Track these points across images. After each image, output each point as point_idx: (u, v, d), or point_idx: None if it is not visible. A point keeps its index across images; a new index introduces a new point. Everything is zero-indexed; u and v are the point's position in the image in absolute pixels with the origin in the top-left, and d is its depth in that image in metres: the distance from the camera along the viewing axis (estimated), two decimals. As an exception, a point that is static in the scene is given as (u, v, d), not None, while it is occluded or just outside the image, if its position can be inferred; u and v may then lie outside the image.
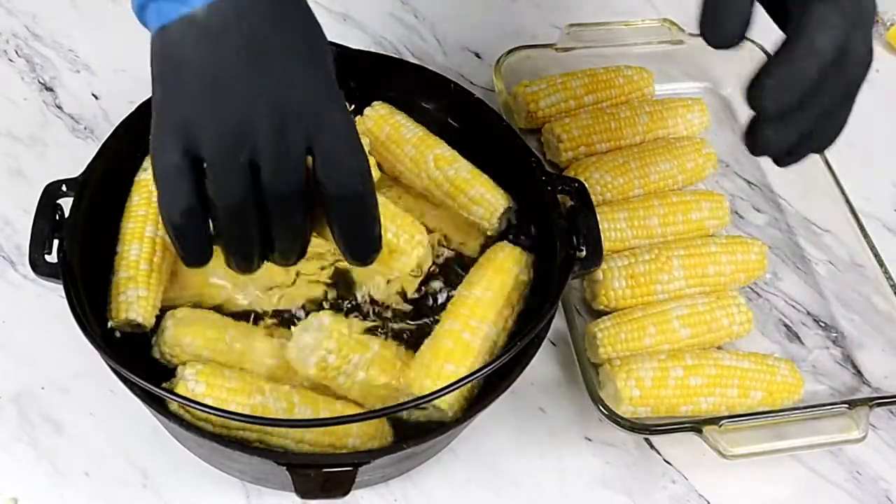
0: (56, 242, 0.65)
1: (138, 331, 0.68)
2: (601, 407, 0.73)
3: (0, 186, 0.87)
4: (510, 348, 0.62)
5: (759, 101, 0.57)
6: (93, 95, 0.94)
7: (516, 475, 0.75)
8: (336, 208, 0.54)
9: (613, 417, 0.73)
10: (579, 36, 0.95)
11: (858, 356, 0.84)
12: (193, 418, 0.62)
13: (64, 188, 0.68)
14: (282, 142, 0.51)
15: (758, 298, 0.87)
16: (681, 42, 0.97)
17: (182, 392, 0.62)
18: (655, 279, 0.81)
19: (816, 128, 0.60)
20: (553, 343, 0.82)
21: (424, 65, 0.79)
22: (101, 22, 1.00)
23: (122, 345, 0.67)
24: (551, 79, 0.93)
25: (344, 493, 0.60)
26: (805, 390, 0.79)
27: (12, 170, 0.88)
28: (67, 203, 0.67)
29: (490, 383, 0.66)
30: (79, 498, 0.71)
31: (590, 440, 0.78)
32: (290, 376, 0.68)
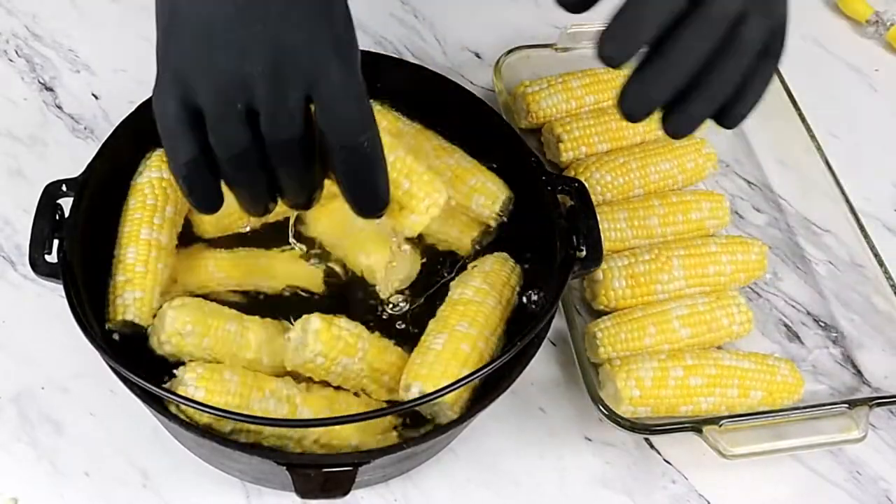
0: (56, 242, 0.65)
1: (136, 332, 0.67)
2: (601, 407, 0.73)
3: (0, 186, 0.87)
4: (510, 348, 0.62)
5: (600, 49, 0.52)
6: (93, 95, 0.94)
7: (516, 475, 0.75)
8: (337, 159, 0.52)
9: (613, 417, 0.73)
10: (579, 36, 0.95)
11: (858, 356, 0.84)
12: (194, 420, 0.62)
13: (64, 188, 0.68)
14: (278, 90, 0.49)
15: (758, 298, 0.87)
16: (681, 42, 0.97)
17: None
18: (655, 279, 0.81)
19: (699, 86, 0.53)
20: (553, 343, 0.82)
21: (424, 65, 0.79)
22: (101, 22, 1.00)
23: (122, 345, 0.67)
24: (551, 79, 0.93)
25: (344, 493, 0.60)
26: (805, 390, 0.79)
27: (12, 170, 0.88)
28: (67, 203, 0.67)
29: (490, 383, 0.66)
30: (79, 498, 0.71)
31: (590, 440, 0.78)
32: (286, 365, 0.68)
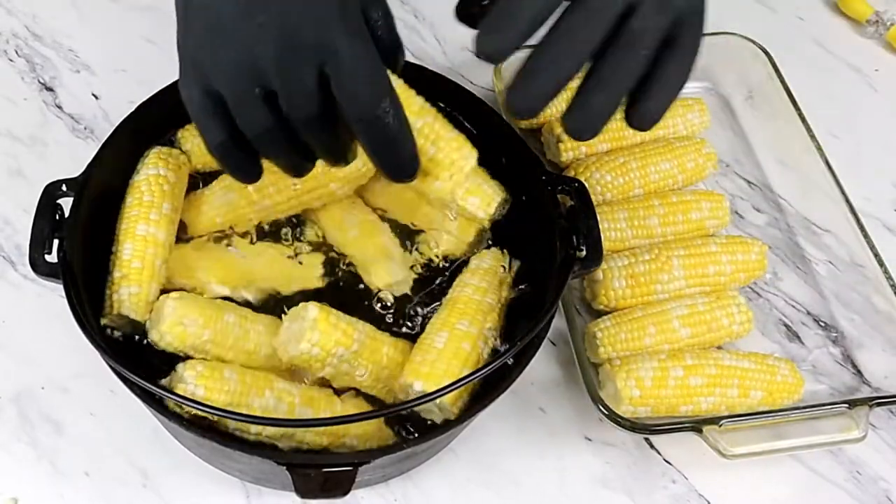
0: (56, 242, 0.66)
1: (134, 329, 0.67)
2: (601, 407, 0.73)
3: (0, 186, 0.87)
4: (510, 348, 0.62)
5: (477, 46, 0.52)
6: (93, 95, 0.94)
7: (516, 475, 0.75)
8: (358, 131, 0.53)
9: (613, 417, 0.73)
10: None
11: (858, 356, 0.84)
12: (195, 413, 0.62)
13: (64, 188, 0.68)
14: (290, 71, 0.50)
15: (758, 298, 0.87)
16: (681, 42, 0.97)
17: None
18: (655, 279, 0.81)
19: (593, 80, 0.53)
20: (553, 343, 0.82)
21: (424, 65, 0.79)
22: (101, 22, 1.00)
23: (122, 345, 0.67)
24: (551, 79, 0.93)
25: (344, 493, 0.60)
26: (805, 390, 0.79)
27: (12, 170, 0.89)
28: (67, 203, 0.67)
29: (490, 383, 0.66)
30: (79, 498, 0.71)
31: (590, 440, 0.78)
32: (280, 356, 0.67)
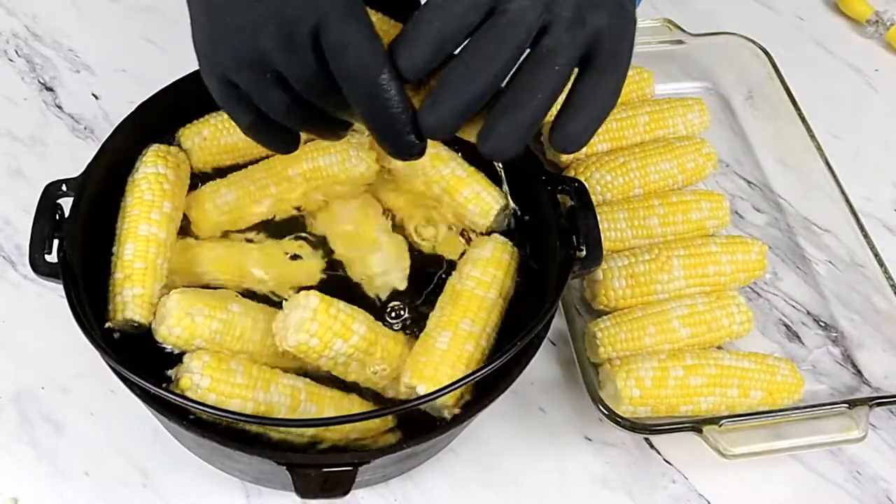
0: (56, 242, 0.65)
1: (138, 331, 0.67)
2: (601, 407, 0.73)
3: (0, 186, 0.87)
4: (510, 348, 0.62)
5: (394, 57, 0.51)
6: (93, 95, 0.94)
7: (516, 475, 0.75)
8: (356, 109, 0.53)
9: (613, 417, 0.73)
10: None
11: (858, 356, 0.84)
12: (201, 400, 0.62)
13: (64, 188, 0.68)
14: (293, 57, 0.52)
15: (758, 298, 0.87)
16: (681, 42, 0.97)
17: (186, 384, 0.62)
18: (655, 279, 0.81)
19: (503, 100, 0.53)
20: (553, 343, 0.82)
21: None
22: (101, 22, 1.00)
23: (122, 345, 0.67)
24: (551, 79, 0.93)
25: (344, 493, 0.60)
26: (805, 390, 0.79)
27: (12, 170, 0.89)
28: (67, 203, 0.67)
29: (490, 383, 0.66)
30: (79, 498, 0.71)
31: (590, 440, 0.78)
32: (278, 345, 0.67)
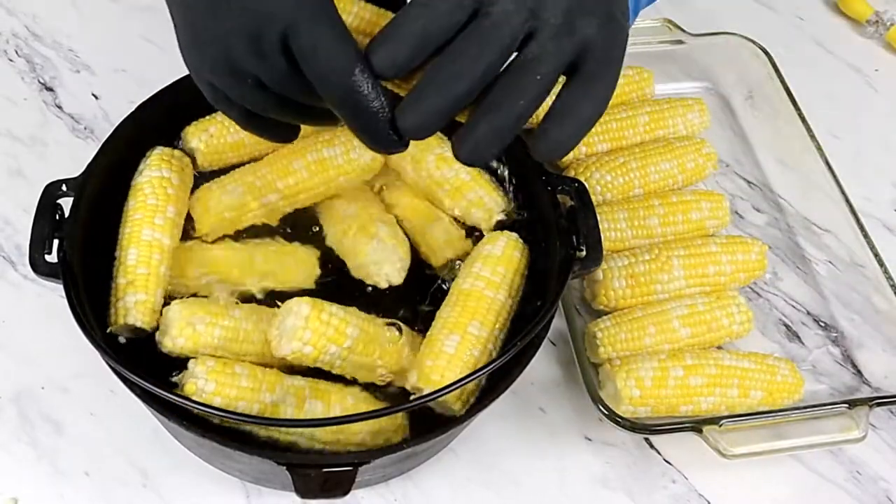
0: (56, 242, 0.65)
1: (139, 335, 0.67)
2: (601, 407, 0.73)
3: (0, 186, 0.87)
4: (510, 348, 0.62)
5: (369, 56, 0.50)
6: (93, 95, 0.94)
7: (516, 475, 0.75)
8: (331, 108, 0.53)
9: (613, 417, 0.73)
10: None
11: (858, 356, 0.84)
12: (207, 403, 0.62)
13: (64, 188, 0.68)
14: (265, 63, 0.52)
15: (758, 298, 0.87)
16: (681, 42, 0.97)
17: (191, 389, 0.62)
18: (655, 279, 0.81)
19: (481, 105, 0.51)
20: (553, 343, 0.82)
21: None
22: (101, 22, 1.00)
23: (123, 345, 0.67)
24: (551, 79, 0.93)
25: (344, 493, 0.60)
26: (805, 390, 0.79)
27: (12, 170, 0.89)
28: (67, 203, 0.67)
29: (490, 383, 0.66)
30: (79, 498, 0.71)
31: (590, 440, 0.78)
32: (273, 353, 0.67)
